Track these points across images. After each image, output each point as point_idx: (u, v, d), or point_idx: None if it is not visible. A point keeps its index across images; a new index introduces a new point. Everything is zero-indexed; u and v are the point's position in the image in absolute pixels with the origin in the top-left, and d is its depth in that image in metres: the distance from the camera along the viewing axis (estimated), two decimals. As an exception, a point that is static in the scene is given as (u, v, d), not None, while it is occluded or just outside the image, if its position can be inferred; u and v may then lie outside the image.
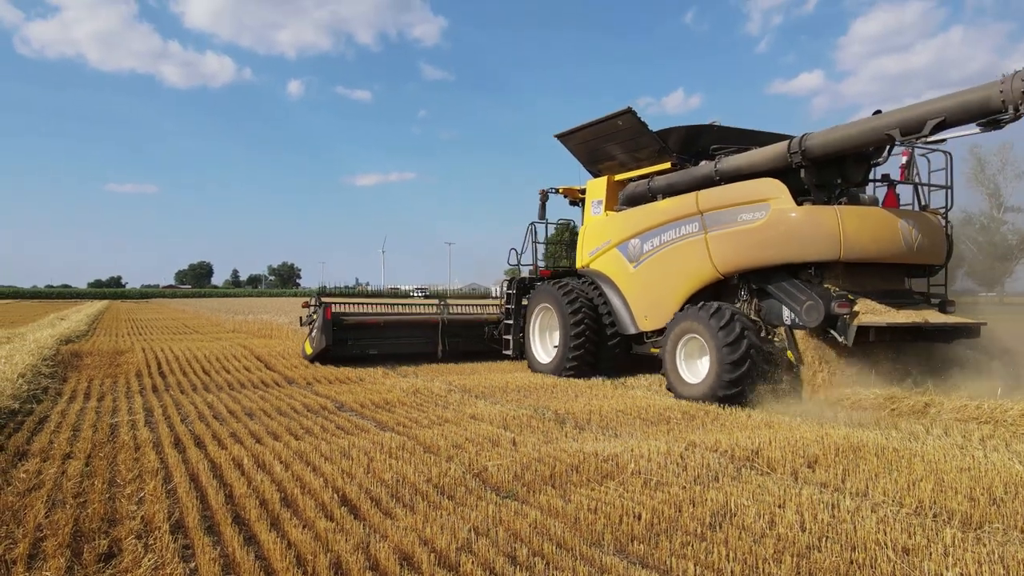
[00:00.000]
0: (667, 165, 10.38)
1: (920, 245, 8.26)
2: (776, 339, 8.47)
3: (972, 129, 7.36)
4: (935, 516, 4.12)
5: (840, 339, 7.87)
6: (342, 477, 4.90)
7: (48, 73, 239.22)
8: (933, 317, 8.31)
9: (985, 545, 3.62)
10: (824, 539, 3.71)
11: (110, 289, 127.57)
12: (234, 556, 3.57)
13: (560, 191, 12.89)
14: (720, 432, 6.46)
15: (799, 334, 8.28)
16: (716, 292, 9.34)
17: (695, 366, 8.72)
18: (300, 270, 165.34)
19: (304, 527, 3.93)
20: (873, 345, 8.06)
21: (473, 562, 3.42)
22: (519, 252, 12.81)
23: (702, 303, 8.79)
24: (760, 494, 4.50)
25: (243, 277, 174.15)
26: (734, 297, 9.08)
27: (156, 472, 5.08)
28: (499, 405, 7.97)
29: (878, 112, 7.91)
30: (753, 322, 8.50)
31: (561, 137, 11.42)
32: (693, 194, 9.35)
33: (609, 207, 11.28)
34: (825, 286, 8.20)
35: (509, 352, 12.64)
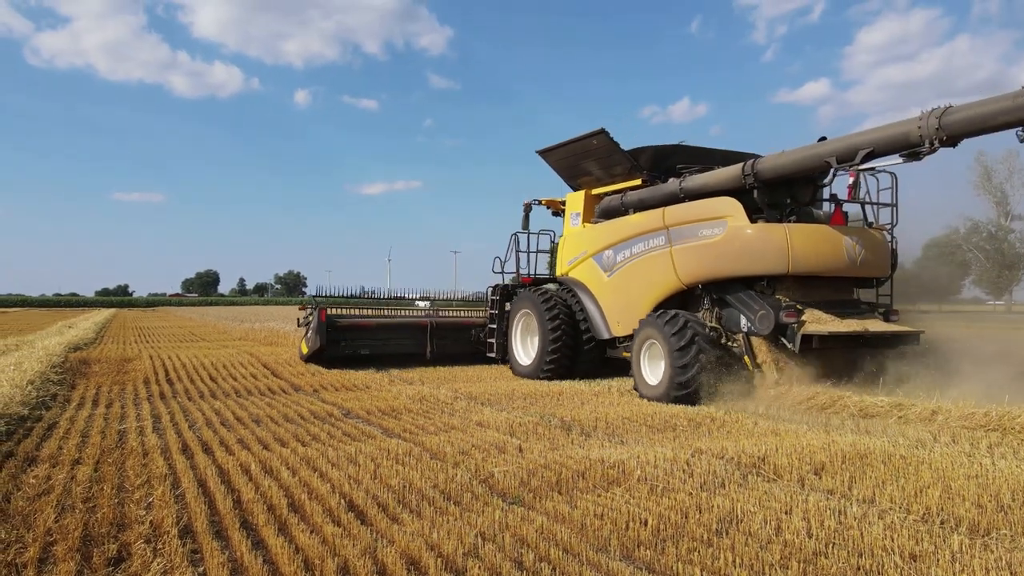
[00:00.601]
0: (638, 182, 11.06)
1: (864, 259, 9.01)
2: (735, 344, 9.15)
3: (897, 160, 8.06)
4: (942, 523, 4.11)
5: (789, 345, 8.59)
6: (349, 483, 4.92)
7: (57, 83, 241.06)
8: (874, 326, 8.95)
9: (993, 552, 3.61)
10: (831, 545, 3.71)
11: (117, 297, 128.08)
12: (242, 560, 3.58)
13: (543, 203, 13.59)
14: (726, 439, 6.46)
15: (755, 340, 8.94)
16: (683, 301, 9.96)
17: (656, 369, 9.29)
18: (306, 278, 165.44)
19: (311, 532, 3.95)
20: (831, 351, 8.70)
21: (480, 567, 3.43)
22: (503, 260, 13.48)
23: (661, 311, 9.48)
24: (766, 500, 4.50)
25: (249, 285, 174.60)
26: (698, 306, 9.66)
27: (164, 477, 5.10)
28: (505, 412, 7.98)
29: (823, 139, 8.67)
30: (713, 329, 9.21)
31: (542, 153, 11.99)
32: (660, 210, 10.13)
33: (586, 219, 12.00)
34: (777, 297, 8.93)
35: (492, 354, 13.21)
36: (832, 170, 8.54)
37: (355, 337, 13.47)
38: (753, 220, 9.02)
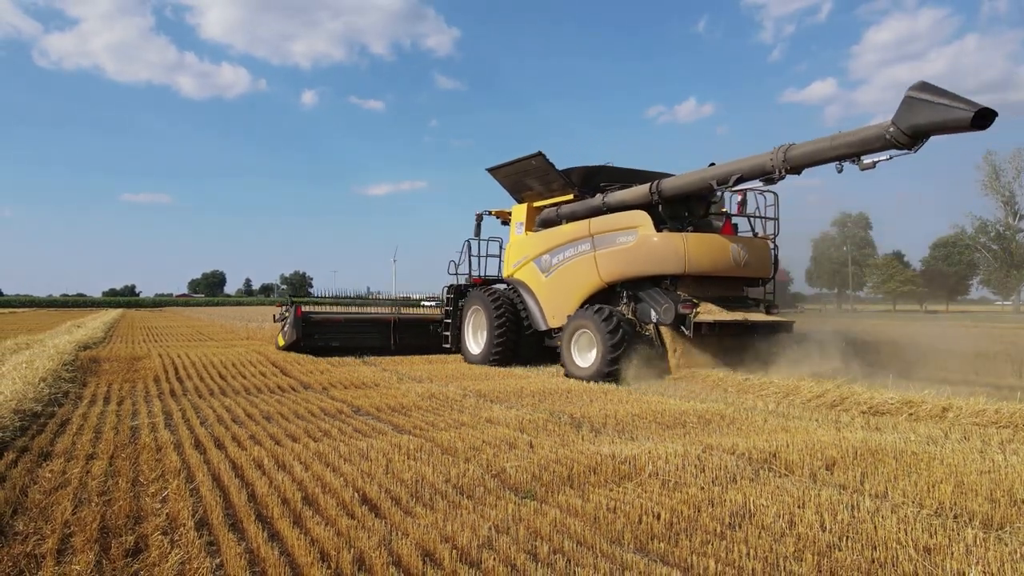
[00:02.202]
0: (571, 196, 12.95)
1: (747, 263, 10.98)
2: (647, 332, 11.05)
3: (758, 183, 10.33)
4: (956, 517, 4.11)
5: (686, 332, 10.49)
6: (362, 477, 4.95)
7: (65, 85, 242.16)
8: (753, 316, 10.82)
9: (1007, 544, 3.61)
10: (845, 538, 3.72)
11: (124, 298, 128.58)
12: (259, 551, 3.61)
13: (493, 213, 15.47)
14: (736, 435, 6.46)
15: (663, 328, 10.72)
16: (605, 297, 11.76)
17: (587, 354, 11.08)
18: (312, 279, 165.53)
19: (326, 524, 3.98)
20: (720, 337, 10.57)
21: (495, 559, 3.45)
22: (457, 264, 15.36)
23: (590, 306, 11.35)
24: (779, 495, 4.50)
25: (256, 286, 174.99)
26: (618, 302, 11.56)
27: (178, 472, 5.14)
28: (515, 409, 7.99)
29: (712, 164, 10.62)
30: (629, 320, 11.07)
31: (491, 171, 13.80)
32: (587, 220, 12.00)
33: (529, 228, 13.86)
34: (678, 293, 10.77)
35: (448, 346, 15.16)
36: (714, 191, 10.66)
37: (327, 331, 15.52)
38: (659, 230, 10.95)
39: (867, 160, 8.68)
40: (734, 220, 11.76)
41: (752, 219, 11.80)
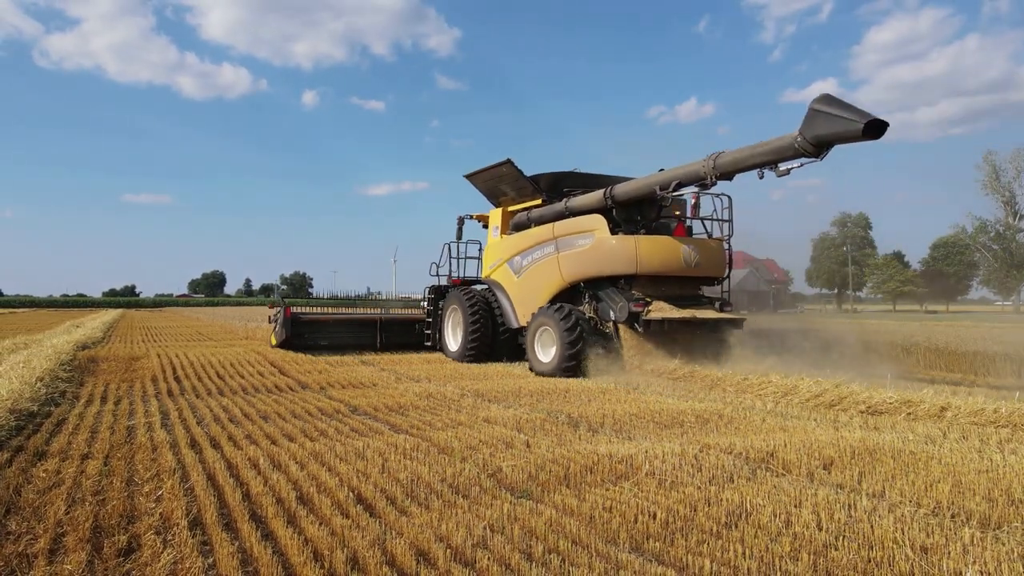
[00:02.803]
0: (539, 201, 13.58)
1: (698, 263, 11.46)
2: (606, 329, 11.65)
3: (695, 189, 10.94)
4: (953, 516, 4.09)
5: (638, 329, 11.06)
6: (357, 477, 4.93)
7: (66, 85, 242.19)
8: (703, 314, 11.30)
9: (1004, 544, 3.60)
10: (841, 537, 3.70)
11: (124, 298, 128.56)
12: (252, 551, 3.59)
13: (474, 217, 16.04)
14: (734, 435, 6.44)
15: (620, 326, 11.32)
16: (570, 297, 12.35)
17: (548, 350, 11.61)
18: (312, 279, 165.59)
19: (321, 524, 3.96)
20: (674, 333, 11.08)
21: (489, 558, 3.43)
22: (438, 265, 15.94)
23: (551, 304, 11.87)
24: (776, 494, 4.48)
25: (256, 286, 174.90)
26: (581, 301, 12.11)
27: (173, 471, 5.12)
28: (512, 409, 7.97)
29: (662, 170, 11.17)
30: (590, 318, 11.70)
31: (468, 177, 14.45)
32: (551, 224, 12.66)
33: (503, 231, 14.47)
34: (633, 292, 11.32)
35: (429, 343, 15.86)
36: (659, 196, 11.14)
37: (315, 330, 16.34)
38: (614, 232, 11.53)
39: (782, 167, 9.34)
40: (689, 223, 12.49)
41: (705, 221, 12.44)
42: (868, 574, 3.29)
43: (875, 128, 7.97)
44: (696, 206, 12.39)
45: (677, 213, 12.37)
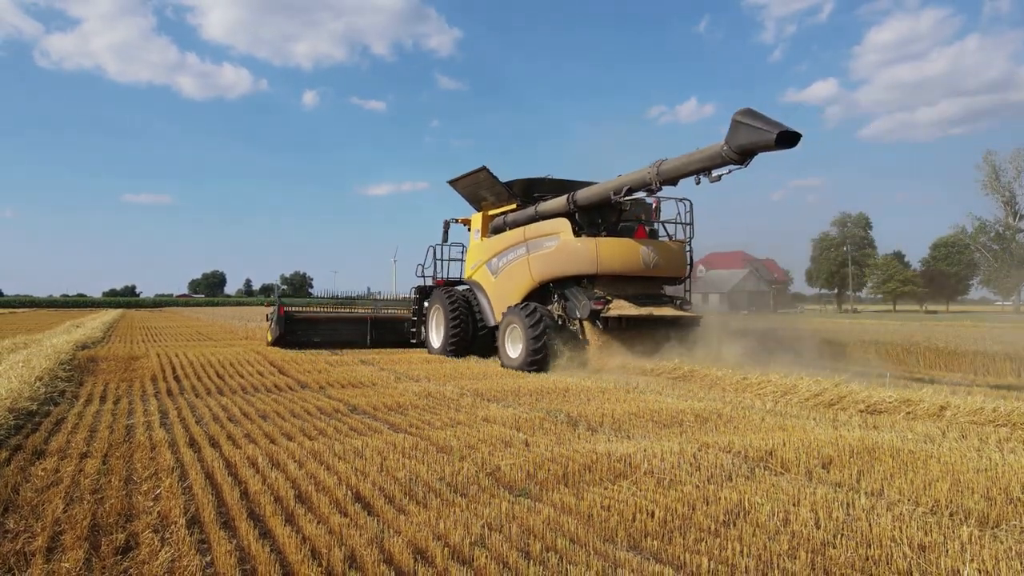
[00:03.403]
0: (514, 206, 14.38)
1: (657, 264, 12.17)
2: (573, 326, 12.27)
3: (643, 194, 11.66)
4: (951, 515, 4.09)
5: (599, 326, 11.76)
6: (356, 475, 4.93)
7: (66, 85, 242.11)
8: (660, 311, 11.92)
9: (1002, 542, 3.59)
10: (839, 536, 3.70)
11: (124, 298, 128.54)
12: (250, 549, 3.59)
13: (459, 221, 16.74)
14: (733, 434, 6.43)
15: (585, 323, 11.98)
16: (541, 296, 12.99)
17: (516, 346, 12.30)
18: (312, 279, 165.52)
19: (318, 522, 3.96)
20: (635, 330, 11.80)
21: (487, 556, 3.43)
22: (423, 267, 16.67)
23: (520, 303, 12.64)
24: (774, 493, 4.48)
25: (256, 286, 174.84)
26: (550, 299, 12.77)
27: (172, 470, 5.12)
28: (511, 408, 7.97)
29: (620, 176, 11.75)
30: (560, 316, 12.37)
31: (451, 183, 15.20)
32: (523, 228, 13.45)
33: (483, 234, 15.20)
34: (595, 291, 12.01)
35: (415, 340, 16.75)
36: (611, 200, 11.86)
37: (308, 328, 17.11)
38: (578, 235, 12.27)
39: (715, 173, 9.95)
40: (656, 226, 13.24)
41: (665, 224, 13.26)
42: (866, 572, 3.29)
43: (788, 138, 8.62)
44: (657, 210, 13.27)
45: (643, 217, 13.19)
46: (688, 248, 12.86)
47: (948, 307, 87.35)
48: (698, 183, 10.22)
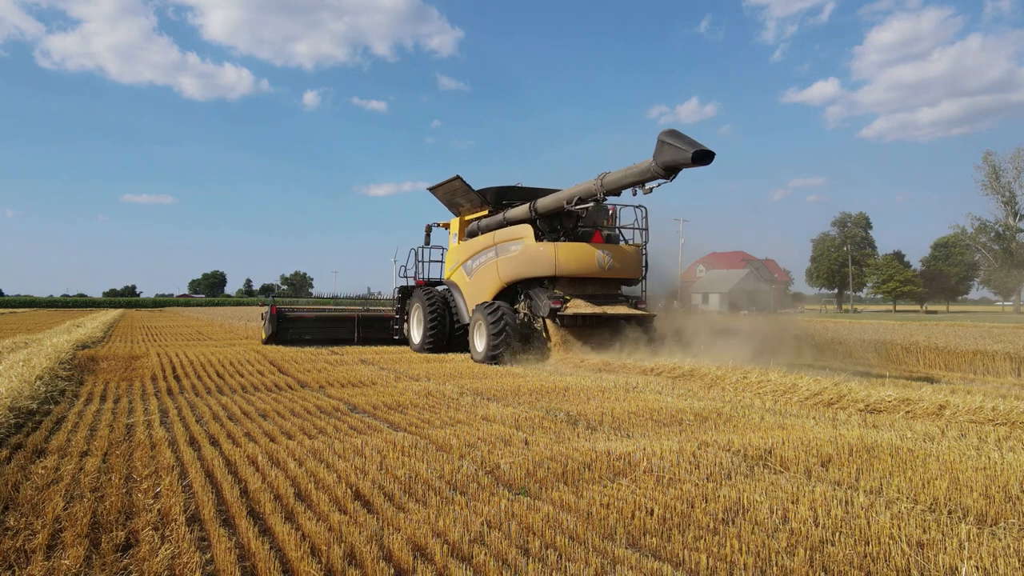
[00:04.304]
0: (486, 212, 15.58)
1: (612, 267, 13.27)
2: (537, 324, 13.41)
3: (591, 204, 12.63)
4: (950, 512, 4.10)
5: (557, 323, 12.90)
6: (355, 473, 4.93)
7: (67, 85, 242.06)
8: (613, 310, 12.93)
9: (1000, 540, 3.60)
10: (838, 533, 3.70)
11: (124, 298, 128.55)
12: (249, 547, 3.60)
13: (441, 225, 17.93)
14: (732, 433, 6.44)
15: (547, 321, 13.06)
16: (510, 296, 14.14)
17: (482, 341, 13.39)
18: (312, 279, 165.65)
19: (318, 520, 3.96)
20: (592, 328, 12.85)
21: (486, 554, 3.44)
22: (406, 268, 17.84)
23: (487, 302, 13.65)
24: (773, 491, 4.49)
25: (256, 286, 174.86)
26: (517, 299, 13.96)
27: (172, 468, 5.13)
28: (511, 407, 7.98)
29: (572, 187, 12.89)
30: (526, 315, 13.53)
31: (431, 189, 16.32)
32: (493, 232, 14.66)
33: (460, 238, 16.42)
34: (555, 291, 13.20)
35: (397, 337, 17.84)
36: (566, 209, 12.97)
37: (299, 326, 18.24)
38: (539, 239, 13.45)
39: (648, 186, 11.04)
40: (617, 231, 14.32)
41: (622, 229, 14.39)
42: (865, 569, 3.30)
43: (703, 156, 9.67)
44: (614, 216, 14.33)
45: (605, 223, 14.35)
46: (643, 251, 13.98)
47: (948, 307, 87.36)
48: (634, 195, 11.51)
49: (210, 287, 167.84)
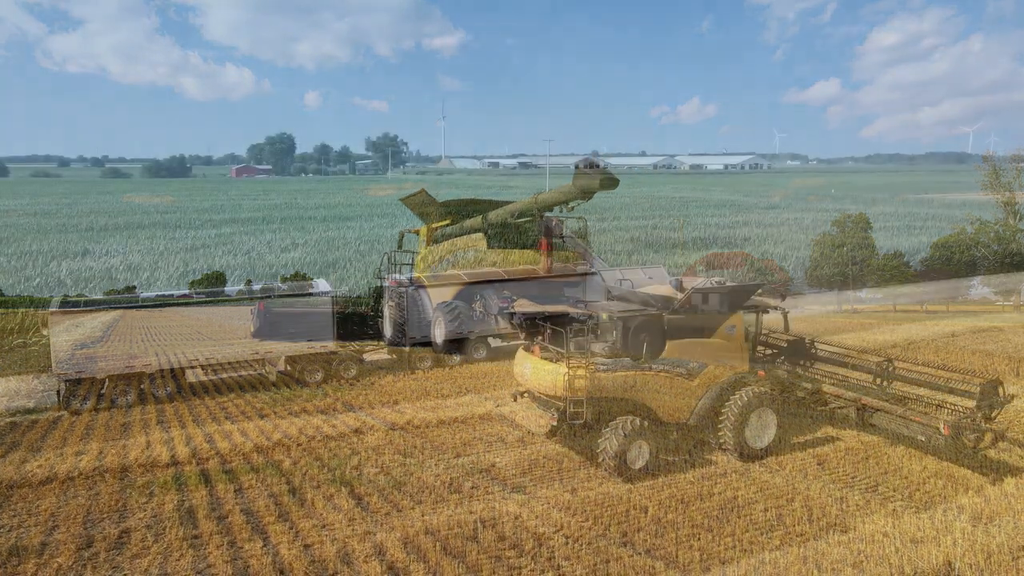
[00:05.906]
0: (449, 221, 17.27)
1: (555, 270, 15.17)
2: (490, 320, 14.46)
3: (529, 219, 15.12)
4: (945, 511, 4.09)
5: (506, 319, 12.90)
6: (351, 471, 4.93)
7: (69, 85, 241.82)
8: (553, 309, 13.15)
9: (995, 538, 3.59)
10: (832, 531, 3.70)
11: (124, 297, 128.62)
12: (242, 544, 3.59)
13: (413, 231, 19.50)
14: (729, 431, 6.41)
15: (499, 317, 14.27)
16: (469, 296, 15.19)
17: (441, 335, 14.61)
18: (312, 279, 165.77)
19: (312, 517, 3.96)
20: (539, 323, 13.64)
21: (479, 551, 3.43)
22: (380, 270, 18.74)
23: (447, 301, 14.83)
24: (768, 489, 4.48)
25: (256, 287, 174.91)
26: (475, 298, 15.10)
27: (167, 466, 5.12)
28: (509, 406, 7.95)
29: (514, 203, 15.83)
30: (480, 312, 14.74)
31: (403, 201, 18.30)
32: (454, 239, 16.78)
33: (428, 243, 17.93)
34: (506, 292, 14.81)
35: (371, 332, 18.67)
36: (509, 221, 15.21)
37: (284, 321, 18.29)
38: (491, 247, 15.47)
39: (570, 204, 13.60)
40: (558, 238, 15.75)
41: (565, 238, 15.88)
42: (859, 567, 3.29)
43: (610, 182, 12.59)
44: (558, 226, 15.94)
45: (553, 233, 15.93)
46: (588, 254, 15.79)
47: (948, 307, 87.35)
48: (562, 211, 13.97)
49: (210, 287, 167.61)
